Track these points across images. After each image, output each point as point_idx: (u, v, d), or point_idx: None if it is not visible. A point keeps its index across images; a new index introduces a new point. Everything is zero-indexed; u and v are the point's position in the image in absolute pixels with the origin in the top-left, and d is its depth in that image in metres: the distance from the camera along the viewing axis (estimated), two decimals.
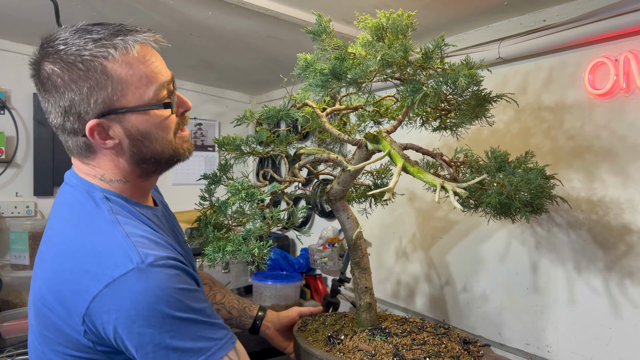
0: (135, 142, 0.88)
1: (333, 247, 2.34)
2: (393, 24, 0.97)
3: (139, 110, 0.86)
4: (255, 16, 1.72)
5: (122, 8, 1.85)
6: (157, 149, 0.90)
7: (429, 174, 0.87)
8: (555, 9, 1.43)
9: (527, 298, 1.55)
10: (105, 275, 0.75)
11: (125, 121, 0.86)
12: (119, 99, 0.84)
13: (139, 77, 0.85)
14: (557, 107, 1.47)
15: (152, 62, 0.88)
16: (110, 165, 0.90)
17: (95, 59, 0.82)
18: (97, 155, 0.90)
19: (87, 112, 0.84)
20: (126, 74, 0.84)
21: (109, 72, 0.83)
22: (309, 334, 1.23)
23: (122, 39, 0.85)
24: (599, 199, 1.36)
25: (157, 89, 0.87)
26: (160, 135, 0.90)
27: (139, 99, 0.86)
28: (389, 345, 1.12)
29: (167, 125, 0.91)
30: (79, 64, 0.82)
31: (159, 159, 0.92)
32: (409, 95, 0.97)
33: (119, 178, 0.91)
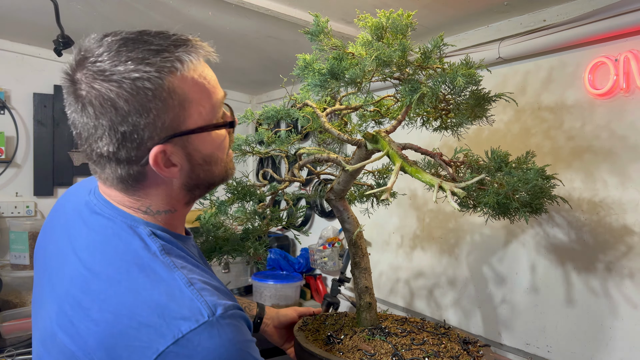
0: (195, 166, 0.78)
1: (333, 247, 2.34)
2: (393, 23, 0.97)
3: (205, 131, 0.76)
4: (255, 16, 1.72)
5: (122, 8, 1.85)
6: (214, 172, 0.81)
7: (427, 174, 0.87)
8: (555, 9, 1.43)
9: (527, 298, 1.55)
10: (171, 330, 0.65)
11: (189, 144, 0.75)
12: (185, 121, 0.73)
13: (201, 94, 0.75)
14: (557, 107, 1.47)
15: (211, 78, 0.78)
16: (161, 195, 0.78)
17: (161, 75, 0.70)
18: (148, 184, 0.77)
19: (152, 138, 0.71)
20: (191, 91, 0.73)
21: (175, 90, 0.71)
22: (309, 334, 1.23)
23: (184, 50, 0.73)
24: (600, 199, 1.36)
25: (218, 107, 0.79)
26: (219, 157, 0.81)
27: (204, 119, 0.76)
28: (388, 345, 1.12)
29: (225, 146, 0.82)
30: (145, 82, 0.69)
31: (212, 183, 0.83)
32: (407, 95, 0.97)
33: (167, 209, 0.80)
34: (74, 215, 0.82)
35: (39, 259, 0.88)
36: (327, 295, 2.19)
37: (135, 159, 0.73)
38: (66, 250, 0.77)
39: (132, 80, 0.68)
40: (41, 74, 2.60)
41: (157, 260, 0.72)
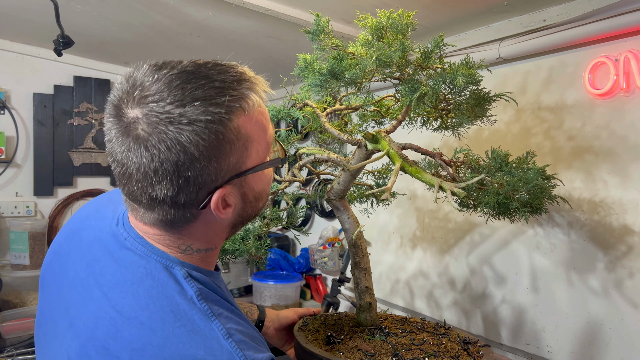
0: (247, 204, 0.74)
1: (333, 247, 2.34)
2: (393, 23, 0.97)
3: (262, 169, 0.73)
4: (255, 16, 1.72)
5: (122, 8, 1.85)
6: (259, 207, 0.78)
7: (427, 174, 0.87)
8: (555, 9, 1.43)
9: (527, 298, 1.55)
10: None
11: (245, 184, 0.71)
12: (245, 161, 0.69)
13: (259, 132, 0.70)
14: (557, 107, 1.47)
15: (267, 114, 0.74)
16: (207, 234, 0.74)
17: (231, 116, 0.65)
18: (196, 224, 0.71)
19: (215, 181, 0.67)
20: (252, 131, 0.69)
21: (241, 131, 0.67)
22: (309, 334, 1.23)
23: (247, 87, 0.69)
24: (600, 199, 1.36)
25: (271, 143, 0.75)
26: (266, 193, 0.78)
27: (260, 157, 0.72)
28: (388, 345, 1.12)
29: (270, 181, 0.80)
30: (217, 125, 0.63)
31: (253, 218, 0.79)
32: (407, 95, 0.97)
33: (208, 247, 0.75)
34: (98, 246, 0.75)
35: (50, 284, 0.80)
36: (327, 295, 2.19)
37: (194, 203, 0.67)
38: (90, 285, 0.71)
39: (203, 124, 0.62)
40: (41, 73, 2.60)
41: (194, 307, 0.66)
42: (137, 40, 2.22)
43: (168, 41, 2.17)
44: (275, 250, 2.57)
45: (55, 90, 2.63)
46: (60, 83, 2.66)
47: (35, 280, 2.15)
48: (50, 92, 2.63)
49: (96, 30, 2.15)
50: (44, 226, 2.41)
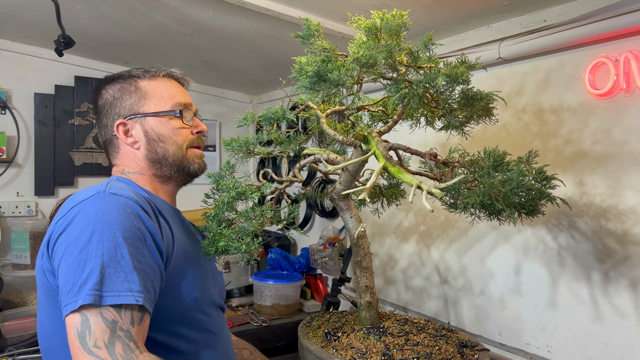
0: (150, 141, 1.09)
1: (333, 246, 2.34)
2: (386, 24, 0.97)
3: (156, 115, 1.10)
4: (255, 16, 1.72)
5: (123, 8, 1.85)
6: (169, 151, 1.10)
7: (408, 174, 0.87)
8: (555, 9, 1.43)
9: (527, 298, 1.55)
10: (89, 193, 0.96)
11: (145, 123, 1.10)
12: (142, 106, 1.10)
13: (161, 93, 1.12)
14: (557, 108, 1.47)
15: (173, 87, 1.14)
16: (129, 160, 1.11)
17: (132, 78, 1.13)
18: (121, 152, 1.12)
19: (118, 113, 1.10)
20: (151, 89, 1.11)
21: (138, 86, 1.12)
22: (310, 330, 1.25)
23: (156, 68, 1.15)
24: (601, 199, 1.37)
25: (174, 104, 1.12)
26: (172, 139, 1.10)
27: (158, 108, 1.11)
28: (381, 344, 1.12)
29: (180, 133, 1.12)
30: (122, 81, 1.13)
31: (169, 161, 1.11)
32: (393, 95, 0.98)
33: (135, 171, 1.11)
34: None
35: None
36: (327, 295, 2.19)
37: (110, 130, 1.11)
38: None
39: (119, 82, 1.14)
40: (42, 74, 2.60)
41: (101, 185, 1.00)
42: (138, 40, 2.22)
43: (169, 41, 2.18)
44: (275, 250, 2.57)
45: (56, 90, 2.64)
46: (61, 83, 2.66)
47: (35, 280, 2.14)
48: (51, 92, 2.63)
49: (97, 30, 2.15)
50: (44, 226, 2.41)
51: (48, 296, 0.95)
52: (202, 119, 1.22)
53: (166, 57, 2.46)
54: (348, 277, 2.21)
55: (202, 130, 1.17)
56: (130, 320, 0.83)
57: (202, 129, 1.17)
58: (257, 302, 2.38)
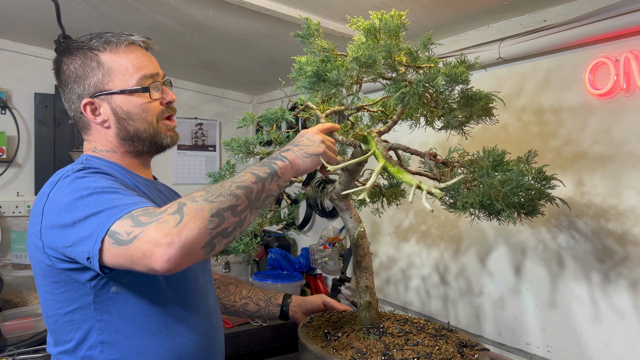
0: (119, 119, 1.06)
1: (333, 246, 2.34)
2: (385, 24, 0.97)
3: (123, 93, 1.05)
4: (255, 16, 1.72)
5: (123, 8, 1.85)
6: (139, 128, 1.07)
7: (407, 174, 0.88)
8: (555, 9, 1.43)
9: (527, 298, 1.55)
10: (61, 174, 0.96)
11: (112, 101, 1.05)
12: (107, 83, 1.05)
13: (125, 67, 1.05)
14: (557, 108, 1.47)
15: (137, 57, 1.07)
16: (101, 138, 1.09)
17: (91, 51, 1.05)
18: (92, 130, 1.09)
19: (83, 92, 1.06)
20: (115, 64, 1.05)
21: (101, 61, 1.05)
22: (310, 330, 1.25)
23: (116, 38, 1.06)
24: (601, 199, 1.36)
25: (140, 78, 1.06)
26: (141, 116, 1.06)
27: (124, 85, 1.05)
28: (380, 344, 1.12)
29: (148, 109, 1.07)
30: (81, 55, 1.05)
31: (141, 138, 1.08)
32: (392, 95, 0.98)
33: (107, 149, 1.09)
34: None
35: None
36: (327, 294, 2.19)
37: (79, 109, 1.07)
38: None
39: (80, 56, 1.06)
40: (42, 73, 2.60)
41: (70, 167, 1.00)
42: None
43: (169, 41, 2.18)
44: (275, 250, 2.57)
45: (56, 90, 2.64)
46: None
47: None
48: (51, 92, 2.63)
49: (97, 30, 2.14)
50: None
51: (47, 277, 0.97)
52: (171, 87, 1.15)
53: (166, 57, 2.46)
54: (348, 277, 2.21)
55: (172, 100, 1.12)
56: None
57: (172, 99, 1.12)
58: None
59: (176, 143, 1.14)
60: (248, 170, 0.92)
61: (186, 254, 0.77)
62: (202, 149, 3.07)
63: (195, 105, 3.05)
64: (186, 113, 3.01)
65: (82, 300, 0.96)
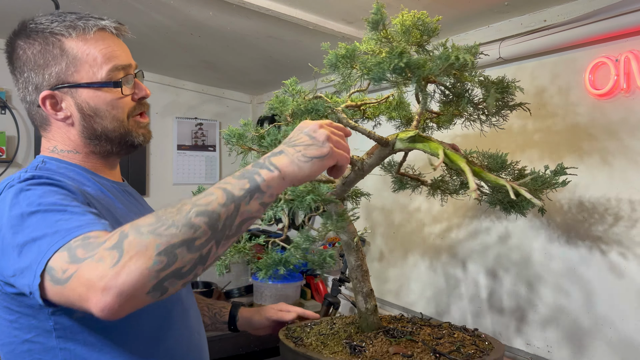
0: (85, 116, 0.93)
1: (333, 247, 2.34)
2: (423, 25, 0.98)
3: (90, 86, 0.92)
4: (256, 16, 1.72)
5: (123, 8, 1.85)
6: (107, 126, 0.95)
7: (491, 174, 0.87)
8: (555, 9, 1.43)
9: (527, 298, 1.55)
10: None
11: (77, 95, 0.92)
12: (72, 74, 0.91)
13: (93, 57, 0.92)
14: (558, 108, 1.47)
15: (108, 46, 0.94)
16: (62, 137, 0.96)
17: (54, 36, 0.91)
18: (52, 126, 0.96)
19: (42, 83, 0.92)
20: (82, 53, 0.91)
21: (65, 49, 0.91)
22: (317, 348, 1.13)
23: (83, 22, 0.93)
24: (601, 199, 1.36)
25: (111, 70, 0.93)
26: (110, 114, 0.94)
27: (91, 77, 0.92)
28: (415, 343, 1.10)
29: (119, 105, 0.95)
30: (40, 39, 0.91)
31: (110, 137, 0.96)
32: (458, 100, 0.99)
33: (69, 149, 0.96)
34: None
35: None
36: (327, 295, 2.19)
37: (35, 102, 0.93)
38: None
39: (40, 39, 0.92)
40: None
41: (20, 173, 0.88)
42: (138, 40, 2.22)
43: (169, 41, 2.18)
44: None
45: None
46: None
47: None
48: None
49: None
50: None
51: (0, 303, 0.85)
52: (143, 79, 1.04)
53: (166, 57, 2.46)
54: (348, 277, 2.20)
55: (145, 95, 1.00)
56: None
57: (145, 94, 1.00)
58: (257, 302, 2.37)
59: (149, 141, 1.02)
60: (220, 185, 0.73)
61: (125, 302, 0.64)
62: (202, 149, 3.07)
63: (195, 105, 3.04)
64: (186, 113, 3.01)
65: (41, 326, 0.82)
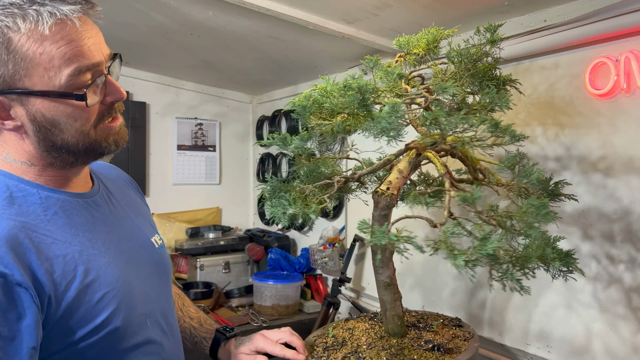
0: (40, 128, 0.76)
1: (333, 247, 2.34)
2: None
3: (44, 96, 0.73)
4: (256, 16, 1.72)
5: (122, 8, 1.85)
6: (68, 140, 0.78)
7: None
8: (555, 9, 1.43)
9: (527, 298, 1.55)
10: None
11: (29, 104, 0.74)
12: (21, 79, 0.72)
13: (50, 57, 0.72)
14: (558, 108, 1.47)
15: (72, 41, 0.73)
16: (15, 145, 0.79)
17: (2, 30, 0.70)
18: (3, 132, 0.79)
19: None
20: (34, 52, 0.71)
21: (12, 47, 0.70)
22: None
23: (36, 9, 0.70)
24: (601, 200, 1.36)
25: (73, 74, 0.73)
26: (72, 126, 0.77)
27: (47, 83, 0.73)
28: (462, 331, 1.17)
29: (83, 116, 0.78)
30: None
31: (73, 151, 0.80)
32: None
33: (23, 160, 0.80)
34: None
35: None
36: (327, 295, 2.19)
37: None
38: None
39: None
40: None
41: None
42: (138, 40, 2.22)
43: (169, 41, 2.18)
44: (275, 250, 2.57)
45: None
46: None
47: None
48: None
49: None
50: None
51: None
52: (121, 65, 0.88)
53: (166, 57, 2.46)
54: (348, 277, 2.21)
55: (119, 98, 0.82)
56: None
57: (119, 97, 0.82)
58: (257, 303, 2.38)
59: (124, 145, 0.86)
60: None
61: None
62: (202, 149, 3.07)
63: (195, 105, 3.04)
64: (186, 113, 3.01)
65: None
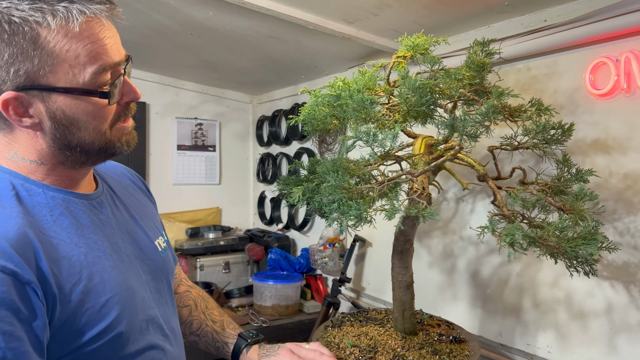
0: (59, 126, 0.76)
1: (333, 247, 2.34)
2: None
3: (67, 93, 0.74)
4: (256, 16, 1.72)
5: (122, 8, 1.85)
6: (85, 139, 0.78)
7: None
8: (556, 9, 1.43)
9: (527, 298, 1.55)
10: None
11: (50, 101, 0.74)
12: (45, 75, 0.72)
13: (76, 54, 0.72)
14: (558, 108, 1.47)
15: (98, 40, 0.74)
16: (26, 144, 0.78)
17: (25, 22, 0.69)
18: (14, 132, 0.78)
19: (5, 82, 0.71)
20: (61, 49, 0.71)
21: (39, 42, 0.70)
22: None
23: (65, 5, 0.70)
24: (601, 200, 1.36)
25: (97, 72, 0.74)
26: (91, 125, 0.78)
27: (71, 80, 0.73)
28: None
29: (102, 115, 0.78)
30: (5, 24, 0.68)
31: (87, 150, 0.80)
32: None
33: (32, 159, 0.78)
34: None
35: None
36: (327, 295, 2.19)
37: None
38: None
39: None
40: None
41: None
42: (138, 40, 2.22)
43: (169, 41, 2.18)
44: (275, 251, 2.57)
45: None
46: None
47: None
48: None
49: None
50: None
51: None
52: (131, 76, 0.85)
53: (166, 57, 2.46)
54: (348, 277, 2.21)
55: (135, 98, 0.83)
56: None
57: (135, 98, 0.83)
58: (257, 303, 2.38)
59: (134, 146, 0.87)
60: None
61: None
62: (202, 149, 3.07)
63: (195, 105, 3.04)
64: (186, 113, 3.01)
65: None
